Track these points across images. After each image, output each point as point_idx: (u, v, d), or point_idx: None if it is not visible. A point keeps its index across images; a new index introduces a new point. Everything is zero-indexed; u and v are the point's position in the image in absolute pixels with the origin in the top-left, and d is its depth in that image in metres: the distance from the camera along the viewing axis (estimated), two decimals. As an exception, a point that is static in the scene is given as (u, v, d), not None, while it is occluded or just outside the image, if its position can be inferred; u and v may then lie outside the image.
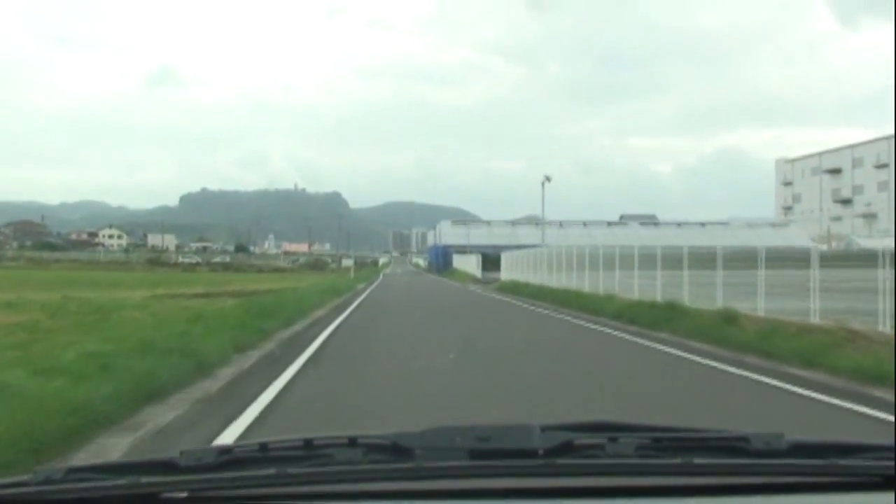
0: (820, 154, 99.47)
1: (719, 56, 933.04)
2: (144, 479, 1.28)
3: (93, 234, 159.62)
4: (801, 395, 7.95)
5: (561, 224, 77.28)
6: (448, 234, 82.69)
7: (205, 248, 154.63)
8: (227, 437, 5.63)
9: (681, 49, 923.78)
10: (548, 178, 38.41)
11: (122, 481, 1.27)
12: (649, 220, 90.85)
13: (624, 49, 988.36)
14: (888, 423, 6.40)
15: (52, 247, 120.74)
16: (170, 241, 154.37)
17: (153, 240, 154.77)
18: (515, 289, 34.49)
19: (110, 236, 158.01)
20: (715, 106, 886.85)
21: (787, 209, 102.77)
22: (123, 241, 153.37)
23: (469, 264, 63.23)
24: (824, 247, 42.39)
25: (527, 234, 72.48)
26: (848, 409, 7.11)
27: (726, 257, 17.01)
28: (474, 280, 52.61)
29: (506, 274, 44.98)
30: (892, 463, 1.33)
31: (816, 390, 8.08)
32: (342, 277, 49.87)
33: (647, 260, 20.62)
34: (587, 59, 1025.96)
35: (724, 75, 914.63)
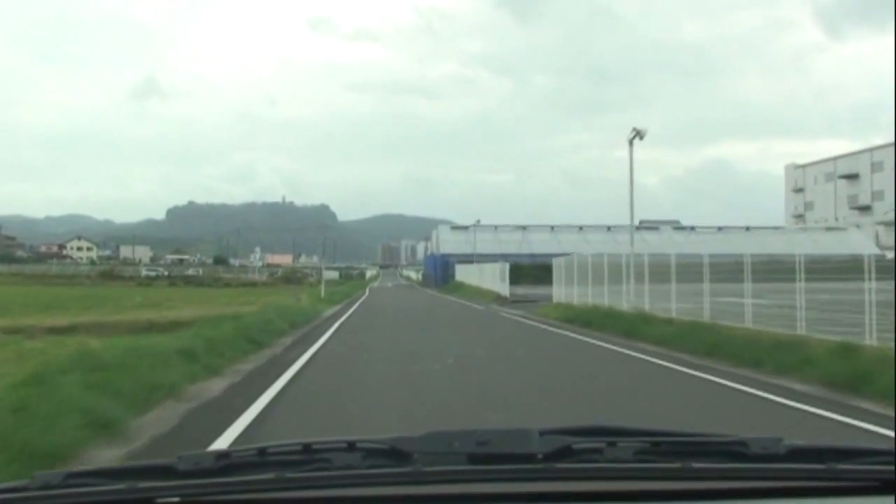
0: (835, 159, 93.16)
1: (705, 69, 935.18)
2: (142, 484, 1.28)
3: (62, 247, 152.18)
4: None
5: (581, 228, 69.38)
6: (448, 241, 71.07)
7: (181, 261, 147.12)
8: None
9: (667, 62, 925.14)
10: (640, 135, 27.98)
11: (120, 486, 1.28)
12: (677, 225, 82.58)
13: (610, 62, 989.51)
14: None
15: (11, 259, 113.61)
16: (143, 253, 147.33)
17: (126, 252, 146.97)
18: (626, 325, 17.64)
19: (79, 248, 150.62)
20: (701, 118, 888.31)
21: (799, 217, 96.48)
22: (93, 254, 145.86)
23: (482, 277, 47.86)
24: (890, 254, 35.86)
25: (541, 241, 64.64)
26: None
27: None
28: (499, 299, 37.50)
29: (566, 291, 28.39)
30: (891, 467, 1.33)
31: None
32: (311, 296, 36.75)
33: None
34: (574, 72, 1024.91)
35: (710, 88, 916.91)
